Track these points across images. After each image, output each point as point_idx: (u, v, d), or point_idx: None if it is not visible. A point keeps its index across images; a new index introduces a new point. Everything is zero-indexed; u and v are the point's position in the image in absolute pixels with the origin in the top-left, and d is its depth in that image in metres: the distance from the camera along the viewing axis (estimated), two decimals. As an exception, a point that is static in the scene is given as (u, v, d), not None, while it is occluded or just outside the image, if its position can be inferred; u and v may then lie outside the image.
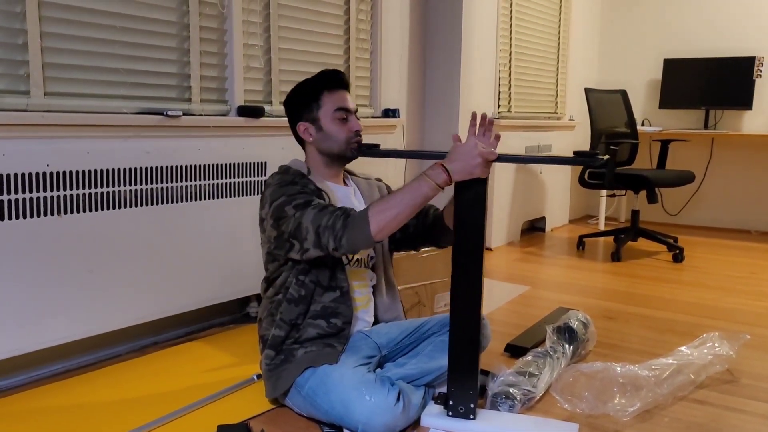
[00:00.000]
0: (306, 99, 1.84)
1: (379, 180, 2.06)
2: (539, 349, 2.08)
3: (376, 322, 1.93)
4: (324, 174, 1.87)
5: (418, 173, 1.62)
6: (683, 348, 2.11)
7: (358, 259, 1.87)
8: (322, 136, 1.82)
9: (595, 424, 1.73)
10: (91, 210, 2.04)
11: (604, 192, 4.90)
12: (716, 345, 2.12)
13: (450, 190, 1.69)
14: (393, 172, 3.34)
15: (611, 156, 3.75)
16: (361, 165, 2.03)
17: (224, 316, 2.62)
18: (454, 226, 1.67)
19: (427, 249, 2.31)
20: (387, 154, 1.92)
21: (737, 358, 2.14)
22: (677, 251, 3.83)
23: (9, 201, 1.84)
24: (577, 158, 1.61)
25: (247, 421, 1.71)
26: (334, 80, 1.84)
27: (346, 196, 1.89)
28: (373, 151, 1.85)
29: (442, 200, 1.94)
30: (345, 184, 1.95)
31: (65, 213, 1.97)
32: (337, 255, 1.67)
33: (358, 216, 1.60)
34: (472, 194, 1.65)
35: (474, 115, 1.70)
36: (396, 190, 1.66)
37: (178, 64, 2.32)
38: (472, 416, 1.67)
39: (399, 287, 2.08)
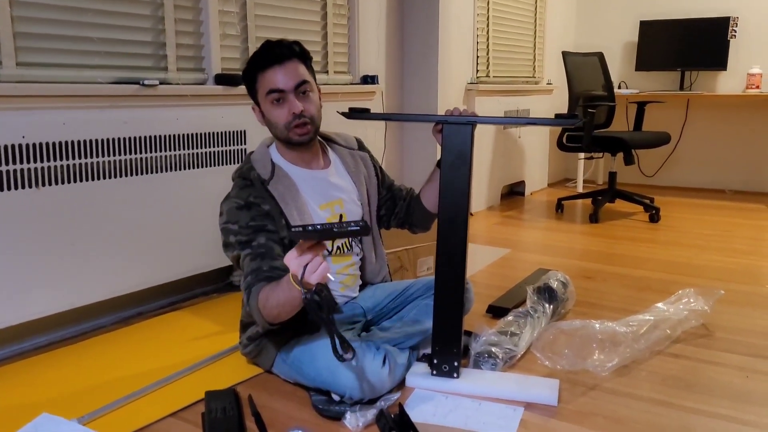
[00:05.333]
0: (247, 83, 1.75)
1: (362, 147, 1.98)
2: (520, 310, 2.12)
3: (363, 285, 1.95)
4: (291, 158, 1.78)
5: (399, 137, 1.61)
6: (660, 304, 2.16)
7: (339, 246, 1.84)
8: (267, 121, 1.74)
9: (575, 379, 1.78)
10: (70, 181, 2.02)
11: (581, 155, 4.94)
12: (692, 301, 2.17)
13: (427, 170, 1.68)
14: (373, 136, 3.34)
15: (589, 118, 3.78)
16: (341, 129, 2.03)
17: (208, 286, 2.63)
18: (440, 188, 1.68)
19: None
20: (375, 117, 1.87)
21: (712, 313, 2.19)
22: (653, 211, 3.89)
23: (-14, 174, 1.82)
24: (558, 120, 1.64)
25: (235, 387, 1.73)
26: (264, 58, 1.68)
27: (321, 180, 1.81)
28: (363, 115, 1.77)
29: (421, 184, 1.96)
30: (324, 159, 1.86)
31: (43, 185, 1.95)
32: None
33: (252, 300, 1.57)
34: (456, 155, 1.66)
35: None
36: (275, 289, 1.50)
37: (153, 32, 2.29)
38: (455, 375, 1.71)
39: (381, 252, 2.09)
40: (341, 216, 1.82)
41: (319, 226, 1.34)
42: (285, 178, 1.74)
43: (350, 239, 1.87)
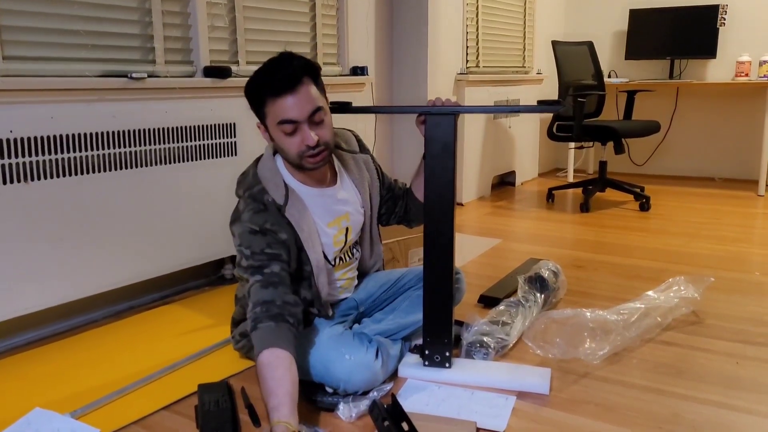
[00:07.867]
0: (253, 102, 1.63)
1: (363, 149, 1.93)
2: (512, 299, 2.12)
3: (359, 276, 1.96)
4: (301, 177, 1.71)
5: (389, 128, 1.60)
6: (650, 292, 2.17)
7: (341, 257, 1.83)
8: (277, 145, 1.65)
9: (567, 368, 1.79)
10: (58, 176, 2.01)
11: (572, 144, 4.95)
12: (682, 288, 2.19)
13: (416, 159, 1.66)
14: (363, 128, 3.33)
15: (579, 108, 3.78)
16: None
17: (199, 279, 2.62)
18: (425, 179, 1.68)
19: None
20: (359, 111, 1.85)
21: (702, 300, 2.21)
22: (644, 200, 3.91)
23: (-27, 169, 1.81)
24: (541, 106, 1.65)
25: (228, 379, 1.74)
26: (275, 82, 1.55)
27: (330, 198, 1.76)
28: (347, 108, 1.77)
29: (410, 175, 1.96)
30: (331, 173, 1.79)
31: (32, 179, 1.94)
32: None
33: (255, 342, 1.49)
34: (440, 145, 1.66)
35: None
36: (266, 384, 1.41)
37: (141, 24, 2.27)
38: (447, 365, 1.72)
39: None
40: (347, 229, 1.81)
41: None
42: (297, 201, 1.68)
43: (351, 247, 1.87)
